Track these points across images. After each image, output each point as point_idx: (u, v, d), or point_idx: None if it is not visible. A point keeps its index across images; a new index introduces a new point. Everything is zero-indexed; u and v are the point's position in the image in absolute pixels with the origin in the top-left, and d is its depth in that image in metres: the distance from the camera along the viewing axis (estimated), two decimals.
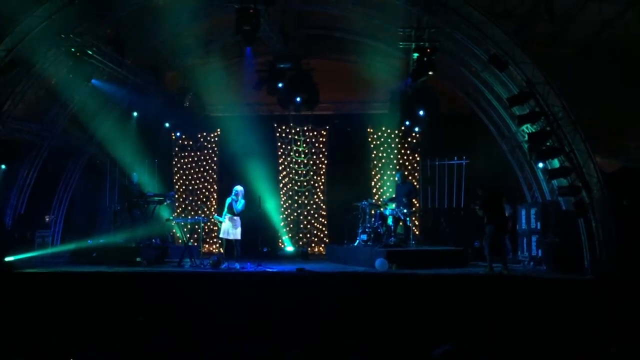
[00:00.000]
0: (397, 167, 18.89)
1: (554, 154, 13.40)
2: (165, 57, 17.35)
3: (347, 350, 9.34)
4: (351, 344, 9.47)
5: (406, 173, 18.17)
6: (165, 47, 16.94)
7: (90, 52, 14.00)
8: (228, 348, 9.86)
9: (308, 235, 19.66)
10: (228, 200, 14.30)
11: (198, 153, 20.34)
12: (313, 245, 19.58)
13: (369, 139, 19.59)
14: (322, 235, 19.69)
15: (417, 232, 18.03)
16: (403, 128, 19.05)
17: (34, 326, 11.29)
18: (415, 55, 14.15)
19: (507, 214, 16.36)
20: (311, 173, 19.79)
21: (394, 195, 16.97)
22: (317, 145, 19.83)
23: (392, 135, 19.45)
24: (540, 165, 14.46)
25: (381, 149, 19.53)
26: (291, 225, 19.61)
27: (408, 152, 19.53)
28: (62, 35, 13.72)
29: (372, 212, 16.26)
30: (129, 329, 10.72)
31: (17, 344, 9.98)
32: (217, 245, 18.96)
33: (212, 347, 9.97)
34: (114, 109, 17.99)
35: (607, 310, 11.38)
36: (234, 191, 14.22)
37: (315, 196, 19.79)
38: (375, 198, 18.58)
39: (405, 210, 15.64)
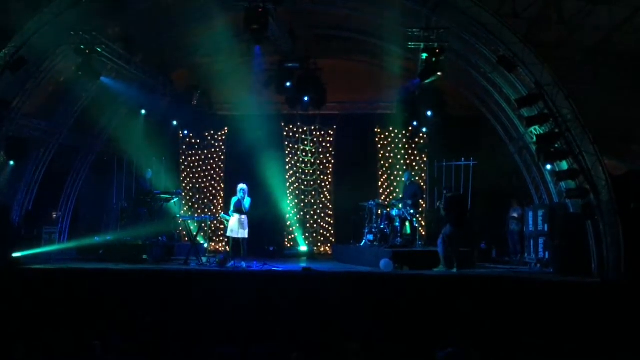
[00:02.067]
0: (405, 167, 18.87)
1: (562, 156, 13.35)
2: (174, 56, 17.38)
3: (350, 353, 9.35)
4: (354, 347, 9.46)
5: (413, 173, 18.18)
6: (174, 46, 16.97)
7: (99, 50, 14.00)
8: (231, 349, 9.86)
9: (315, 235, 19.68)
10: (234, 199, 14.31)
11: (205, 151, 20.38)
12: (319, 244, 19.60)
13: (376, 139, 19.59)
14: (328, 234, 19.70)
15: (423, 233, 18.03)
16: (410, 129, 19.05)
17: (40, 322, 11.33)
18: (424, 55, 14.10)
19: (516, 215, 16.46)
20: (318, 173, 19.80)
21: (401, 196, 17.00)
22: (324, 144, 19.84)
23: (400, 136, 19.44)
24: (549, 167, 14.41)
25: (388, 149, 19.53)
26: (298, 225, 19.61)
27: (415, 152, 19.52)
28: (72, 33, 13.72)
29: (379, 212, 16.25)
30: (135, 327, 10.75)
31: (23, 339, 10.01)
32: (224, 243, 18.98)
33: (215, 349, 9.97)
34: (122, 107, 17.99)
35: (614, 314, 11.33)
36: (240, 190, 14.22)
37: (322, 196, 19.80)
38: (382, 198, 18.57)
39: (411, 211, 15.63)
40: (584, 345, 10.53)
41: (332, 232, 19.65)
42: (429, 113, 17.35)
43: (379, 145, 19.60)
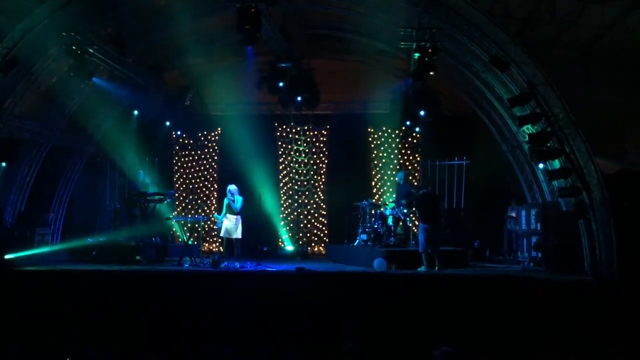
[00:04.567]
0: (399, 167, 18.89)
1: (554, 154, 13.40)
2: (166, 56, 17.34)
3: (345, 352, 9.35)
4: (350, 346, 9.46)
5: (405, 173, 18.20)
6: (166, 46, 16.92)
7: (91, 51, 13.93)
8: (226, 350, 9.85)
9: (308, 235, 19.66)
10: (225, 201, 14.29)
11: (199, 152, 20.35)
12: (313, 244, 19.58)
13: (370, 139, 19.59)
14: (322, 234, 19.69)
15: (417, 232, 18.05)
16: (404, 128, 19.08)
17: (32, 324, 11.29)
18: (417, 55, 14.08)
19: (514, 215, 16.53)
20: (311, 172, 19.79)
21: (394, 195, 17.06)
22: (317, 144, 19.83)
23: (393, 136, 19.45)
24: (541, 166, 14.46)
25: (382, 149, 19.53)
26: (291, 225, 19.61)
27: (408, 152, 19.52)
28: (63, 34, 13.65)
29: (372, 212, 16.26)
30: (129, 328, 10.73)
31: (15, 341, 9.98)
32: (217, 244, 18.96)
33: (210, 349, 9.96)
34: (115, 108, 17.96)
35: (606, 312, 11.37)
36: (228, 192, 14.21)
37: (315, 196, 19.79)
38: (376, 198, 18.58)
39: (405, 210, 15.66)
40: (576, 343, 10.55)
41: (326, 232, 19.64)
42: (422, 113, 17.39)
43: (372, 145, 19.60)
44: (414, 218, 16.51)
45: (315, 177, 19.81)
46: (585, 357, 9.88)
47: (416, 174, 19.31)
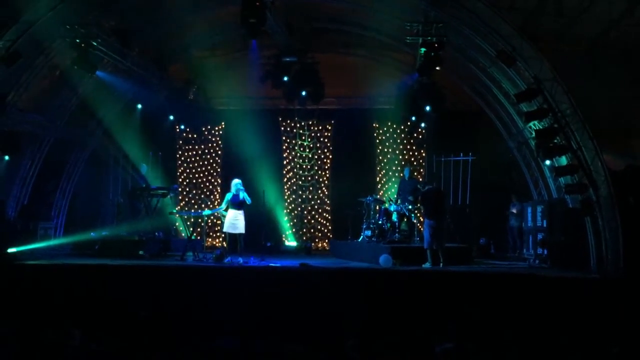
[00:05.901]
0: (403, 163, 18.82)
1: (561, 151, 13.28)
2: (170, 50, 17.29)
3: (348, 348, 9.29)
4: (353, 342, 9.40)
5: (411, 169, 18.12)
6: (170, 40, 16.87)
7: (95, 44, 13.90)
8: (228, 343, 9.79)
9: (312, 230, 19.62)
10: (229, 195, 14.14)
11: (202, 146, 20.30)
12: (317, 240, 19.54)
13: (374, 134, 19.52)
14: (326, 230, 19.64)
15: (421, 228, 17.96)
16: (409, 123, 19.06)
17: (35, 318, 11.24)
18: (422, 50, 14.03)
19: (515, 211, 16.45)
20: (316, 168, 19.72)
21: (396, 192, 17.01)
22: (322, 139, 19.75)
23: (398, 131, 19.37)
24: (547, 162, 14.35)
25: (386, 144, 19.46)
26: (295, 220, 19.55)
27: (413, 147, 19.45)
28: (67, 26, 13.63)
29: (377, 207, 16.18)
30: (130, 323, 10.67)
31: (17, 335, 9.93)
32: (221, 239, 18.91)
33: (213, 343, 9.91)
34: (118, 101, 17.95)
35: (612, 310, 11.28)
36: (234, 185, 14.04)
37: (319, 191, 19.73)
38: (380, 194, 18.51)
39: (409, 207, 15.58)
40: (581, 341, 10.46)
41: (330, 227, 19.59)
42: (428, 108, 17.28)
43: (377, 140, 19.54)
44: (418, 214, 16.44)
45: (319, 172, 19.75)
46: (590, 355, 9.79)
47: (421, 170, 19.24)
